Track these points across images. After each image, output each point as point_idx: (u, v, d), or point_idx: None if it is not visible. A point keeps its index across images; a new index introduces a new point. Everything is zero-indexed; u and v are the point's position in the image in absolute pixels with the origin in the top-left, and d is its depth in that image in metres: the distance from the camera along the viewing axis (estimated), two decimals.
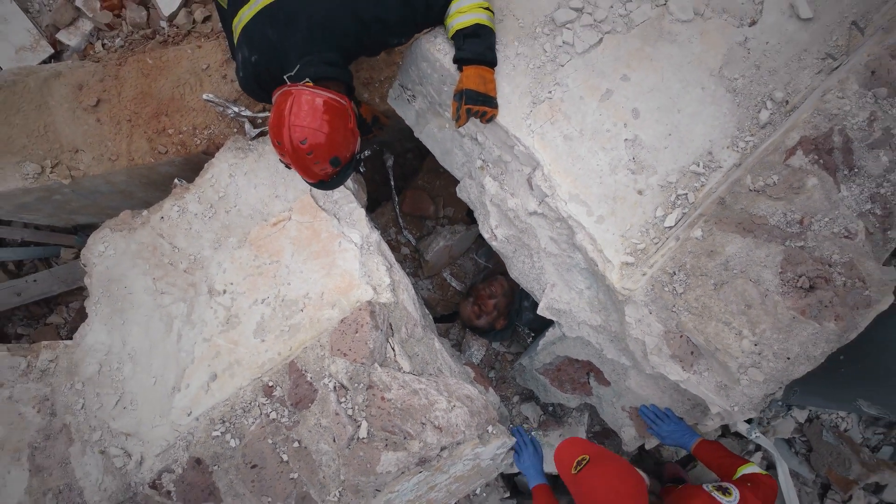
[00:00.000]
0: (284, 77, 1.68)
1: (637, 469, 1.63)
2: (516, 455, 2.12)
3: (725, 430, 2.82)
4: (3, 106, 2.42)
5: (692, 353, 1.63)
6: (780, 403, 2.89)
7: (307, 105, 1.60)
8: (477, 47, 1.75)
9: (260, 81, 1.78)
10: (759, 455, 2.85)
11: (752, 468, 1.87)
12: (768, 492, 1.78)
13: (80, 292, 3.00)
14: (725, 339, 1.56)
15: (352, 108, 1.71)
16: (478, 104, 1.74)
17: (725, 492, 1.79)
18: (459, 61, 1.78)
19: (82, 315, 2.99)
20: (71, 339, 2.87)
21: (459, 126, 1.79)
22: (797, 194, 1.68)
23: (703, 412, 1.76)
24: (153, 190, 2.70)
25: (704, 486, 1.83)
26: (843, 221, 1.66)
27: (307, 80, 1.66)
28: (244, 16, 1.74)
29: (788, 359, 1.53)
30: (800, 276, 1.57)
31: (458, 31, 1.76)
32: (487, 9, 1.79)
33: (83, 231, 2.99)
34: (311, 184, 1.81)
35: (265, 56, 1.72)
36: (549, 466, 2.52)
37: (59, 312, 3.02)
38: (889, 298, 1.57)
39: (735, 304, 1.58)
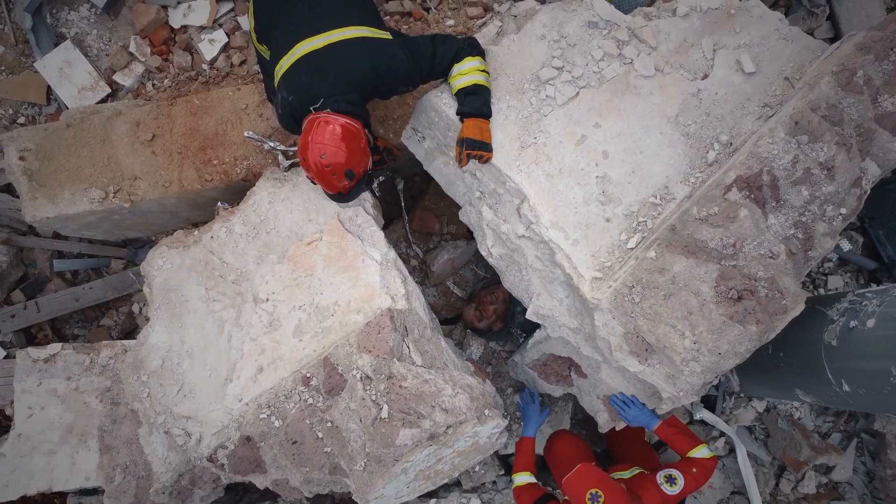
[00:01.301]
0: (311, 108, 2.05)
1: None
2: (524, 404, 2.68)
3: (691, 419, 3.23)
4: (73, 140, 2.83)
5: (646, 349, 2.04)
6: (741, 395, 3.31)
7: (327, 128, 1.97)
8: (475, 103, 2.17)
9: (295, 117, 2.13)
10: (722, 440, 3.26)
11: (701, 451, 2.26)
12: (707, 472, 2.20)
13: (129, 298, 3.41)
14: (671, 338, 1.98)
15: (364, 133, 2.07)
16: (476, 149, 2.15)
17: (672, 482, 2.19)
18: (461, 114, 2.19)
19: (131, 318, 3.43)
20: (122, 339, 3.30)
21: (462, 167, 2.20)
22: (732, 223, 2.08)
23: (660, 398, 2.17)
24: (195, 210, 3.11)
25: (656, 477, 2.22)
26: (768, 245, 2.07)
27: (328, 109, 2.03)
28: (283, 64, 2.10)
29: (720, 354, 1.94)
30: (730, 289, 1.98)
31: (459, 90, 2.17)
32: (484, 70, 2.20)
33: (132, 244, 3.40)
34: (329, 196, 2.18)
35: (299, 97, 2.07)
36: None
37: (110, 316, 3.43)
38: (801, 306, 1.98)
39: (679, 311, 1.99)
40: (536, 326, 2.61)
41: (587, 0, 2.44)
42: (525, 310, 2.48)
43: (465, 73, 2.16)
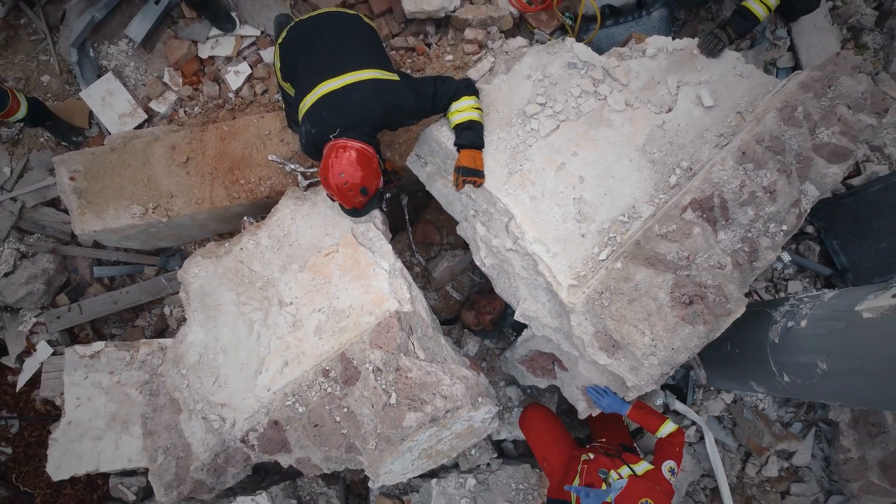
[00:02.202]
0: (330, 136, 2.42)
1: None
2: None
3: (665, 410, 3.60)
4: (116, 163, 3.21)
5: (613, 346, 2.41)
6: (710, 388, 3.68)
7: (345, 154, 2.33)
8: (470, 136, 2.54)
9: (317, 147, 2.48)
10: (693, 429, 3.63)
11: (668, 427, 2.63)
12: (682, 443, 2.56)
13: (161, 301, 3.78)
14: (634, 336, 2.35)
15: (376, 157, 2.42)
16: (470, 176, 2.53)
17: (673, 473, 2.54)
18: (458, 146, 2.57)
19: (163, 319, 3.80)
20: (155, 338, 3.67)
21: (458, 190, 2.58)
22: (687, 238, 2.46)
23: (627, 388, 2.54)
24: (223, 223, 3.49)
25: (663, 472, 2.54)
26: (717, 257, 2.44)
27: (345, 137, 2.39)
28: (307, 102, 2.46)
29: (673, 349, 2.32)
30: (683, 295, 2.35)
31: (457, 125, 2.55)
32: (478, 108, 2.57)
33: (163, 252, 3.78)
34: (345, 211, 2.53)
35: (321, 130, 2.42)
36: (517, 431, 3.33)
37: (143, 317, 3.80)
38: (742, 309, 2.35)
39: (640, 314, 2.36)
40: (525, 326, 2.97)
41: (567, 43, 2.82)
42: (514, 311, 2.85)
43: (462, 110, 2.54)
